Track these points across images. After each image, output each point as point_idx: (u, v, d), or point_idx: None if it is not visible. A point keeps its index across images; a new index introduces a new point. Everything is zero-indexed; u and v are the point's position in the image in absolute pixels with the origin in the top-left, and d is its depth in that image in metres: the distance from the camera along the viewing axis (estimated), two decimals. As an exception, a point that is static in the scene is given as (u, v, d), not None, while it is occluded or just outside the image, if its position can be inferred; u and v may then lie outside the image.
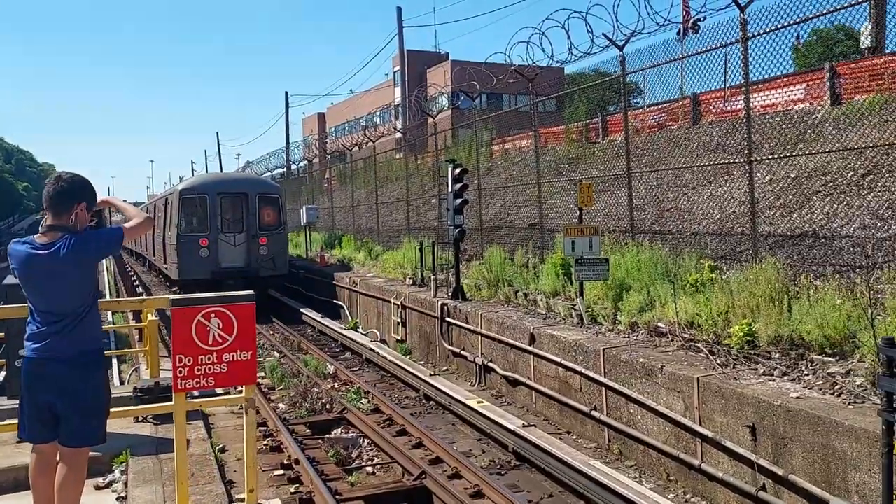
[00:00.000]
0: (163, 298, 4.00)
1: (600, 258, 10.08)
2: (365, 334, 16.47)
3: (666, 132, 18.06)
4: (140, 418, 9.37)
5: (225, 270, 20.73)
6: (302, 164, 43.14)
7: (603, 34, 10.97)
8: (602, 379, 8.58)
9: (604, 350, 8.60)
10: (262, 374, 13.50)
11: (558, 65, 12.86)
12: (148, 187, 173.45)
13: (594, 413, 8.74)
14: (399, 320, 14.94)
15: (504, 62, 14.20)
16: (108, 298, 35.89)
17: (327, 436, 9.90)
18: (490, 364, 11.30)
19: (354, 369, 13.92)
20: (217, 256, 20.72)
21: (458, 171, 12.87)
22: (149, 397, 9.63)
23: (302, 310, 20.08)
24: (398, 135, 33.11)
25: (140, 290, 21.25)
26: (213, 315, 3.99)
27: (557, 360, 9.46)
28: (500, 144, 27.45)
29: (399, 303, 14.91)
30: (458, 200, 12.83)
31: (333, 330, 17.18)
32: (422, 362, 13.57)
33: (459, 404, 10.26)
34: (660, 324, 8.95)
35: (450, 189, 12.94)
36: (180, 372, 3.96)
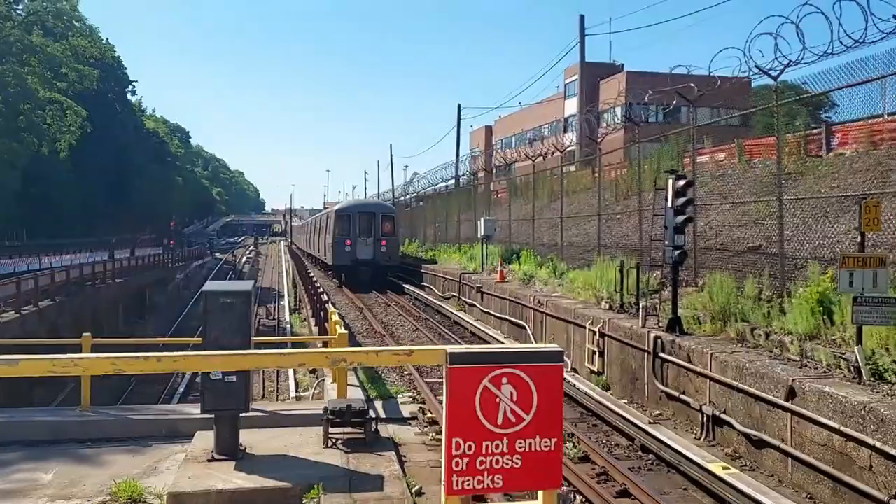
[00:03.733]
0: (436, 351, 2.65)
1: (889, 297, 7.85)
2: (552, 360, 14.91)
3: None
4: (330, 443, 8.44)
5: (360, 260, 33.66)
6: (463, 176, 42.66)
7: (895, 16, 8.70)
8: (911, 459, 6.43)
9: (916, 422, 6.45)
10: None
11: (809, 61, 10.61)
12: (324, 195, 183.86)
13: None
14: (595, 349, 13.23)
15: (678, 73, 12.20)
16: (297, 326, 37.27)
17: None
18: (723, 416, 9.32)
19: (547, 402, 12.36)
20: (355, 251, 33.85)
21: (681, 182, 11.01)
22: (339, 421, 8.70)
23: (485, 328, 19.15)
24: (570, 148, 31.39)
25: (319, 284, 21.59)
26: (504, 379, 2.59)
27: (833, 425, 7.37)
28: (688, 158, 25.01)
29: (596, 329, 13.20)
30: (681, 218, 10.96)
31: (517, 353, 15.79)
32: (624, 401, 11.78)
33: (693, 465, 8.40)
34: None
35: (670, 204, 11.10)
36: (456, 464, 2.57)
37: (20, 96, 44.45)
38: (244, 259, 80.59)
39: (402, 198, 56.59)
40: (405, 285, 31.97)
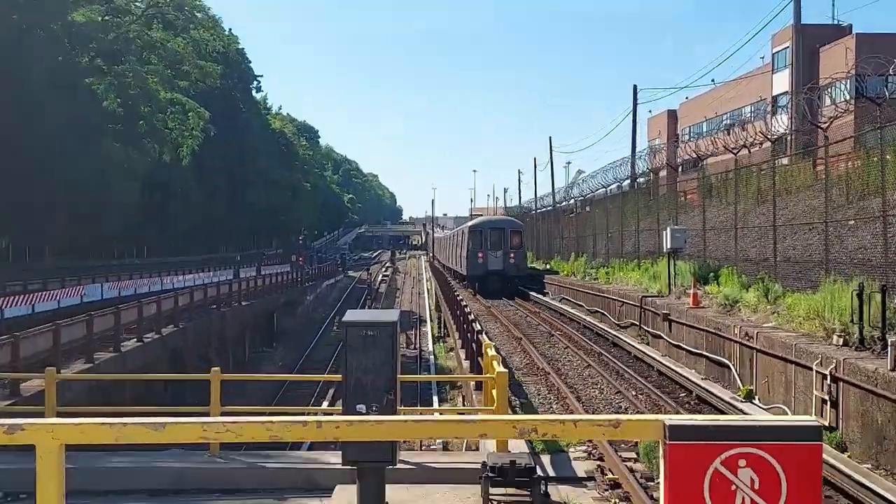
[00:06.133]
0: (650, 422, 2.55)
1: None
2: (765, 409, 14.17)
3: None
4: (493, 504, 8.44)
5: (491, 271, 44.70)
6: (642, 176, 41.60)
7: None
8: None
9: None
10: (634, 455, 11.98)
11: None
12: (471, 200, 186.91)
13: None
14: (826, 398, 12.39)
15: None
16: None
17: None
18: None
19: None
20: (487, 263, 44.97)
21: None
22: (501, 480, 8.67)
23: (675, 366, 18.69)
24: (781, 134, 29.81)
25: (469, 308, 21.93)
26: (742, 462, 2.43)
27: None
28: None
29: (827, 372, 12.36)
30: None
31: (720, 399, 15.18)
32: (867, 465, 10.92)
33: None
34: None
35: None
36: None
37: (140, 98, 48.61)
38: (380, 277, 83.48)
39: (564, 203, 56.37)
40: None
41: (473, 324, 18.21)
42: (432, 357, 35.33)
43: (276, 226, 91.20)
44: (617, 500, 9.88)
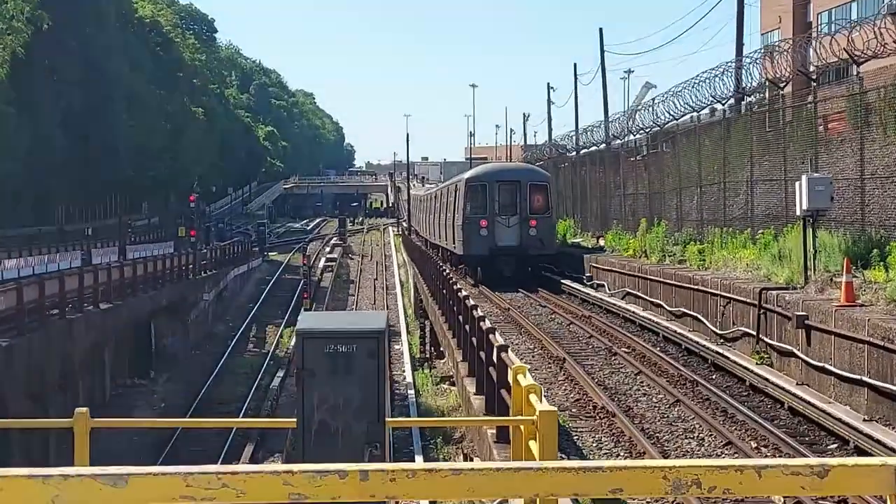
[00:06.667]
0: (871, 466, 2.69)
1: None
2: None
3: None
4: None
5: (500, 248, 47.37)
6: (753, 95, 41.63)
7: None
8: None
9: None
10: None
11: None
12: (470, 133, 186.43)
13: None
14: None
15: None
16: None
17: None
18: None
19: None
20: (494, 235, 47.33)
21: None
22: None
23: (820, 402, 19.00)
24: None
25: (475, 306, 22.25)
26: None
27: None
28: None
29: None
30: None
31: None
32: None
33: None
34: None
35: None
36: None
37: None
38: (322, 262, 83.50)
39: (625, 136, 56.30)
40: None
41: (490, 335, 18.29)
42: (412, 392, 35.51)
43: (148, 180, 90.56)
44: None
